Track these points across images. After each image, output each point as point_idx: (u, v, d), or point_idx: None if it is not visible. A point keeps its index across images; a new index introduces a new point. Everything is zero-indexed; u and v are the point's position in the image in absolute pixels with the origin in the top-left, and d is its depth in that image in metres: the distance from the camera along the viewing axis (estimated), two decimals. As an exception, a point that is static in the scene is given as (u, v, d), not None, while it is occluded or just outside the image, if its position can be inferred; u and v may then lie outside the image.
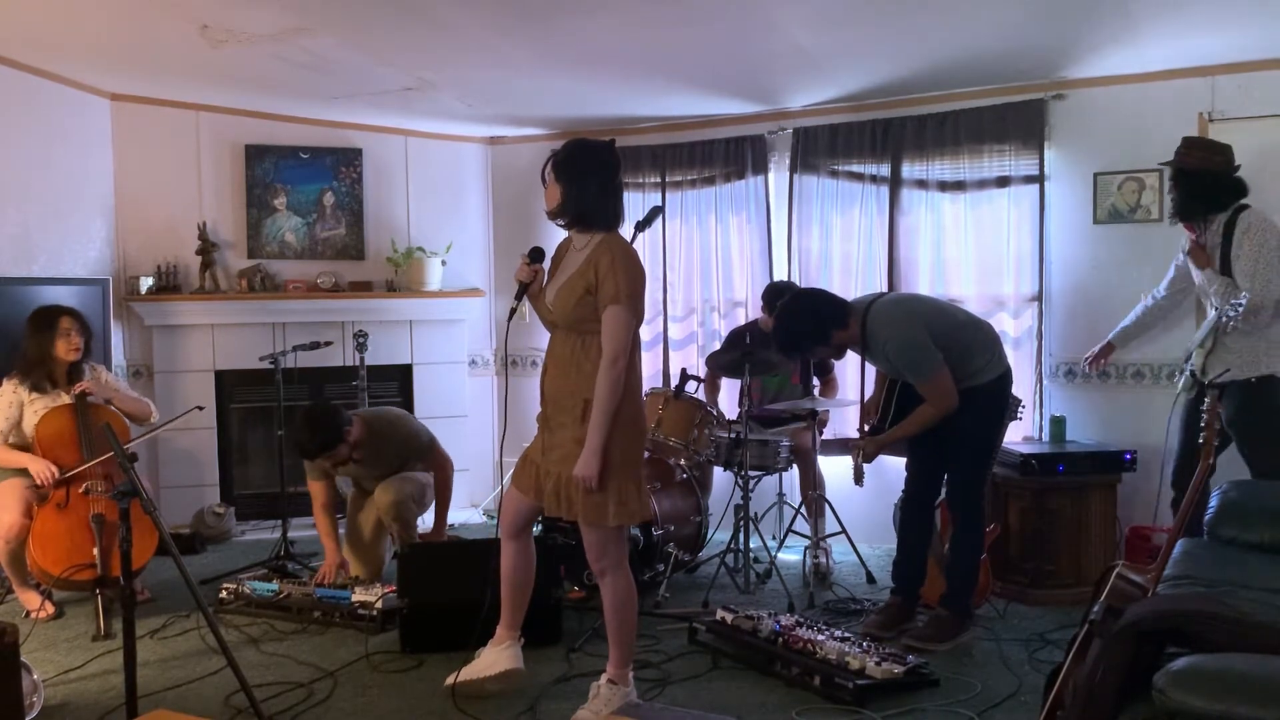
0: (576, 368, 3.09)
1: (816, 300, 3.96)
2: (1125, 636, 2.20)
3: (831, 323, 3.83)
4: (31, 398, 4.35)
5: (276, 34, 4.41)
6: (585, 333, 3.08)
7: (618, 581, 3.19)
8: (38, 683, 3.19)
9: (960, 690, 3.41)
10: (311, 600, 4.18)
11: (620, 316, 3.02)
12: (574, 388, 3.08)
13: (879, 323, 3.80)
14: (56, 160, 5.45)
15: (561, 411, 3.12)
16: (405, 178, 6.38)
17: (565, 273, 3.15)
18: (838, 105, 5.54)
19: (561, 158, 3.11)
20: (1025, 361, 5.17)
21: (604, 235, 3.12)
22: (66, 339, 4.35)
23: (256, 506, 6.08)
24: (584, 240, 3.14)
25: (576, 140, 3.17)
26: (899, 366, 3.79)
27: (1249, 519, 3.26)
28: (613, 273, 3.00)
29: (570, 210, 3.11)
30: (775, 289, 5.26)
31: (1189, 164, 4.06)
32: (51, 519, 4.16)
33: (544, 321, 3.24)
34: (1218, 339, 4.02)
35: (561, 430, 3.12)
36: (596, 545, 3.15)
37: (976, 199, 5.23)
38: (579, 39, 4.52)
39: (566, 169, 3.09)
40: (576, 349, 3.10)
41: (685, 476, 4.80)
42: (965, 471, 3.86)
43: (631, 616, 3.24)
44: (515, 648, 3.41)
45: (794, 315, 3.90)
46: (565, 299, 3.09)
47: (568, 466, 3.07)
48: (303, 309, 6.05)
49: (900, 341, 3.75)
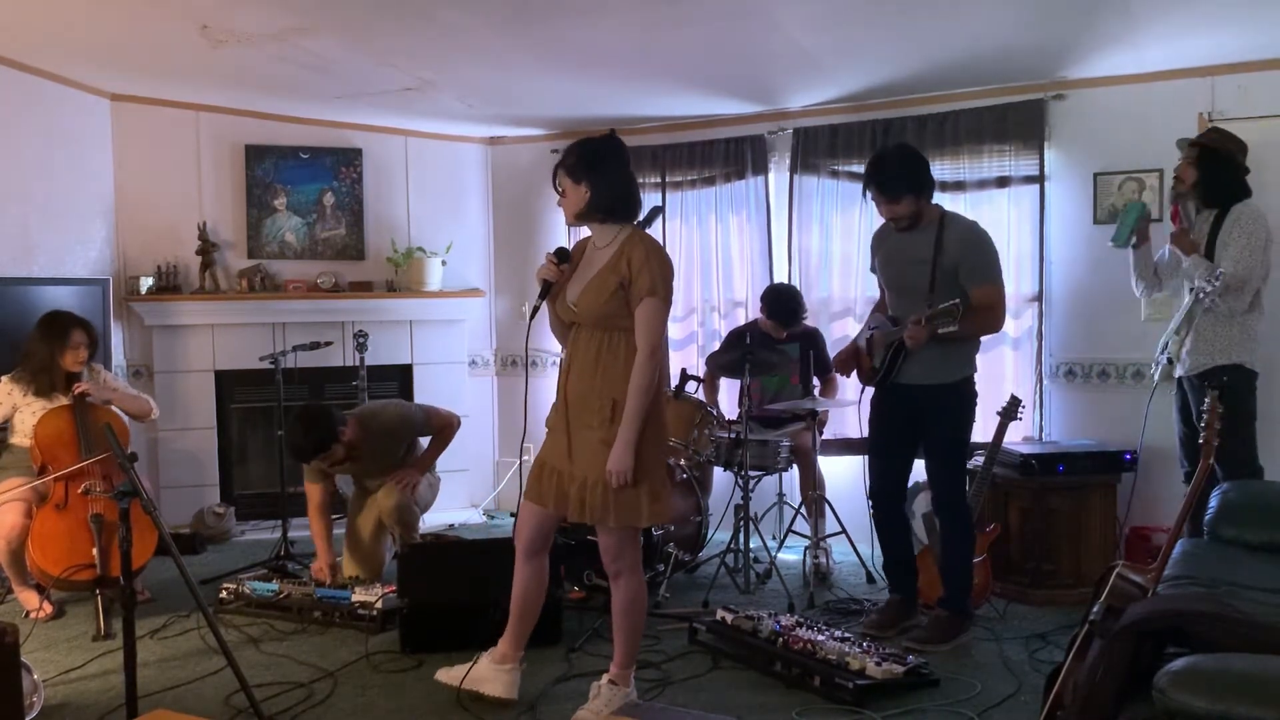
0: (603, 368, 3.03)
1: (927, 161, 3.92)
2: (1125, 636, 2.20)
3: (930, 183, 3.81)
4: (29, 399, 4.35)
5: (276, 34, 4.41)
6: (613, 329, 3.03)
7: (631, 583, 3.15)
8: (38, 683, 3.19)
9: (960, 690, 3.41)
10: (311, 600, 4.18)
11: (657, 309, 3.00)
12: (600, 388, 3.03)
13: (962, 219, 3.83)
14: (56, 160, 5.45)
15: (586, 413, 3.05)
16: (405, 178, 6.38)
17: (591, 269, 3.09)
18: (838, 105, 5.54)
19: (576, 158, 3.05)
20: (1025, 361, 5.18)
21: (629, 230, 3.09)
22: (75, 352, 4.36)
23: (256, 506, 6.08)
24: (607, 237, 3.09)
25: (582, 140, 3.13)
26: (969, 259, 3.70)
27: (1249, 519, 3.26)
28: (647, 266, 2.98)
29: (603, 203, 3.05)
30: (775, 291, 5.27)
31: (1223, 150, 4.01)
32: (50, 519, 4.16)
33: (560, 323, 3.18)
34: (1193, 325, 4.01)
35: (586, 432, 3.05)
36: (615, 546, 3.10)
37: (976, 199, 5.23)
38: (579, 39, 4.52)
39: (587, 166, 3.04)
40: (603, 348, 3.04)
41: (685, 476, 4.80)
42: (950, 470, 3.86)
43: (640, 619, 3.21)
44: (516, 673, 3.31)
45: (910, 156, 3.86)
46: (594, 296, 3.03)
47: (595, 469, 3.00)
48: (303, 309, 6.05)
49: (984, 238, 3.79)
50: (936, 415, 3.79)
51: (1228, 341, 3.95)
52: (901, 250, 3.85)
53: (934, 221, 3.79)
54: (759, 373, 4.90)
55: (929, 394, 3.78)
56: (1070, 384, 5.12)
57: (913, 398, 3.83)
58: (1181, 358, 4.08)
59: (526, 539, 3.24)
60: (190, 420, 6.00)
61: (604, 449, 2.99)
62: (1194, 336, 4.02)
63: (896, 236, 3.88)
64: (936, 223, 3.78)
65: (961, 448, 3.87)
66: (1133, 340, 4.91)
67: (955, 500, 3.87)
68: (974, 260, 3.71)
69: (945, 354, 3.76)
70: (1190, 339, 4.04)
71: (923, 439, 3.88)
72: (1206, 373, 3.95)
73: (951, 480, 3.86)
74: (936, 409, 3.79)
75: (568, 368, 3.14)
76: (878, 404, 3.97)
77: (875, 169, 3.83)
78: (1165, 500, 4.64)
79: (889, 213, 3.82)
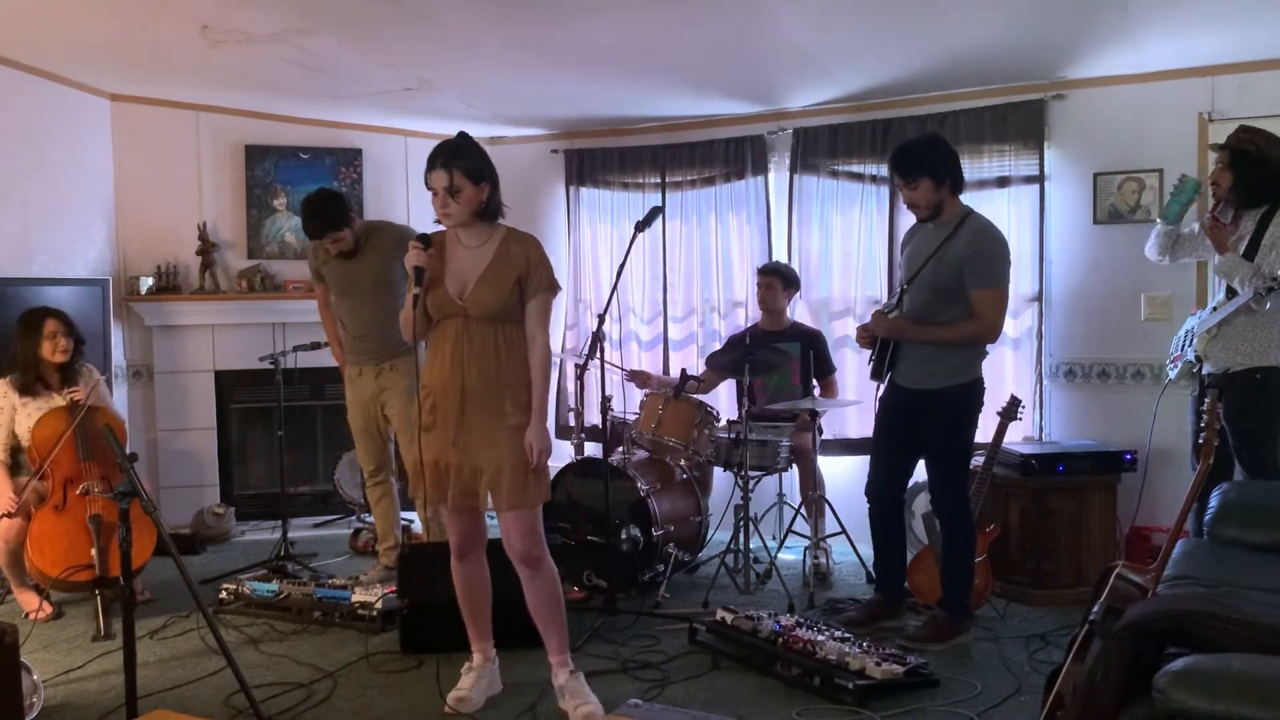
0: (498, 361, 3.10)
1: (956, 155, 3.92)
2: (1125, 636, 2.20)
3: (958, 174, 3.80)
4: (23, 401, 4.35)
5: (276, 34, 4.41)
6: (507, 321, 3.12)
7: (550, 565, 3.23)
8: (38, 683, 3.19)
9: (960, 690, 3.40)
10: (311, 600, 4.17)
11: (551, 302, 3.18)
12: (510, 378, 3.11)
13: (981, 220, 3.80)
14: (56, 160, 5.45)
15: (496, 402, 3.10)
16: (405, 178, 6.38)
17: (471, 266, 3.14)
18: (838, 105, 5.54)
19: (475, 160, 3.11)
20: (1025, 361, 5.18)
21: (503, 228, 3.20)
22: (52, 341, 4.34)
23: (256, 507, 6.07)
24: (483, 235, 3.17)
25: (465, 140, 3.16)
26: (973, 260, 3.69)
27: (1249, 519, 3.26)
28: (543, 263, 3.14)
29: (495, 204, 3.18)
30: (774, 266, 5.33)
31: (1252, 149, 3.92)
32: (49, 520, 4.16)
33: (440, 313, 3.16)
34: (1229, 325, 3.94)
35: (496, 419, 3.09)
36: (533, 529, 3.15)
37: (976, 199, 5.19)
38: (579, 39, 4.52)
39: (485, 167, 3.14)
40: (499, 341, 3.11)
41: (685, 477, 4.80)
42: (947, 474, 3.86)
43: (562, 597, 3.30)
44: (494, 674, 3.40)
45: (932, 141, 3.90)
46: (492, 291, 3.09)
47: (513, 454, 3.07)
48: (303, 309, 6.02)
49: (1000, 241, 3.77)
50: (932, 419, 3.79)
51: (1267, 343, 3.88)
52: (925, 242, 3.85)
53: (956, 217, 3.78)
54: (759, 373, 4.90)
55: (923, 398, 3.79)
56: (1070, 384, 5.12)
57: (908, 400, 3.84)
58: (1212, 356, 3.99)
59: (464, 541, 3.29)
60: (190, 420, 6.00)
61: (518, 434, 3.08)
62: (1231, 336, 3.94)
63: (922, 230, 3.90)
64: (958, 219, 3.77)
65: (958, 452, 3.85)
66: (1133, 340, 4.91)
67: (954, 503, 3.86)
68: (977, 261, 3.70)
69: (936, 358, 3.77)
70: (1224, 338, 3.96)
71: (922, 441, 3.88)
72: (1241, 373, 3.90)
73: (949, 483, 3.86)
74: (932, 413, 3.79)
75: (450, 360, 3.11)
76: (882, 403, 3.98)
77: (897, 149, 3.88)
78: (1165, 500, 4.64)
79: (907, 198, 3.83)
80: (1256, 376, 3.87)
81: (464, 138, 3.17)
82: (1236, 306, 3.90)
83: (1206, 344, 4.02)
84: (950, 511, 3.87)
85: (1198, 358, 4.06)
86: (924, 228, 3.88)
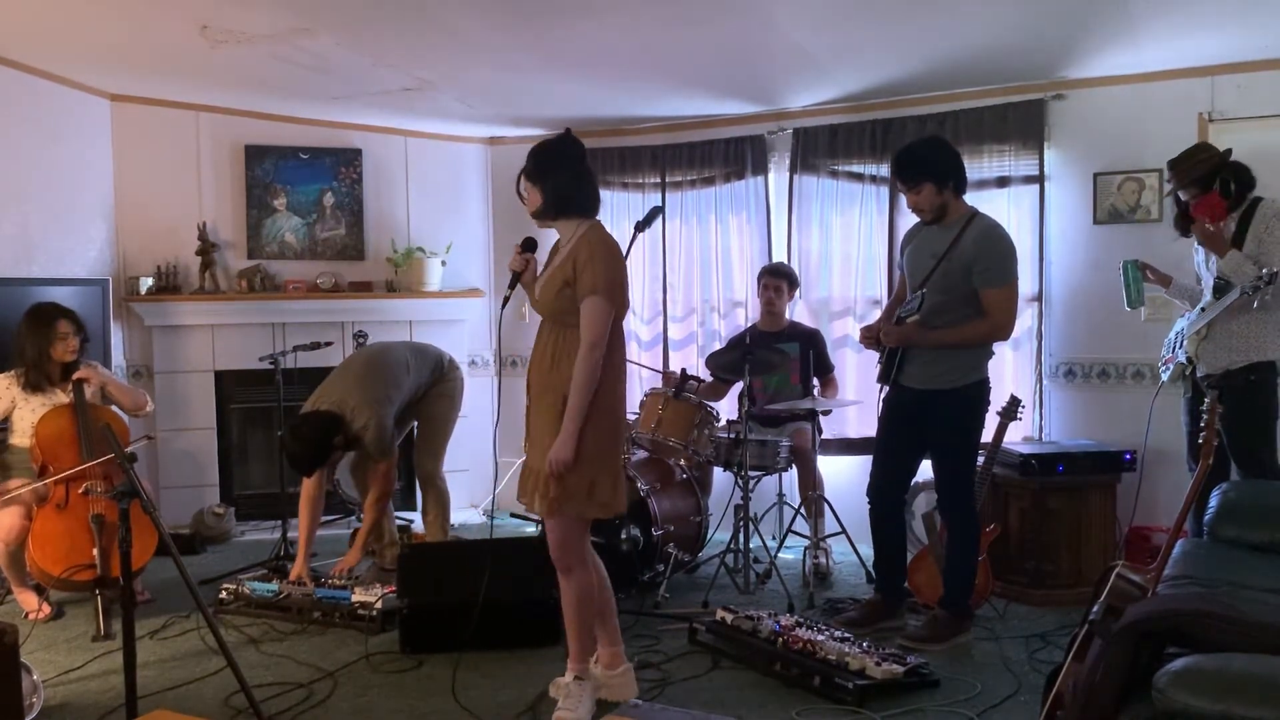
0: (554, 362, 3.11)
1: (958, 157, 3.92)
2: (1125, 636, 2.20)
3: (961, 177, 3.80)
4: (26, 396, 4.35)
5: (276, 34, 4.41)
6: (566, 325, 3.11)
7: (581, 578, 3.18)
8: (38, 683, 3.19)
9: (960, 690, 3.41)
10: (311, 601, 4.18)
11: (598, 306, 3.03)
12: (551, 382, 3.10)
13: (988, 220, 3.80)
14: (56, 160, 5.45)
15: (544, 405, 3.13)
16: (405, 178, 6.38)
17: (550, 266, 3.20)
18: (838, 105, 5.54)
19: (532, 162, 3.15)
20: (1025, 361, 5.18)
21: (585, 228, 3.14)
22: (64, 342, 4.35)
23: (256, 507, 6.08)
24: (568, 234, 3.17)
25: (539, 143, 3.22)
26: (981, 260, 3.68)
27: (1249, 519, 3.26)
28: (590, 265, 3.03)
29: (550, 204, 3.13)
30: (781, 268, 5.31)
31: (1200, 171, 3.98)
32: (51, 519, 4.16)
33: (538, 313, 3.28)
34: (1219, 325, 3.96)
35: (541, 426, 3.12)
36: (559, 538, 3.13)
37: (976, 199, 5.15)
38: (579, 39, 4.52)
39: (539, 168, 3.13)
40: (558, 342, 3.12)
41: (685, 477, 4.80)
42: (955, 474, 3.86)
43: (591, 614, 3.22)
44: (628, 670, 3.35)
45: (934, 144, 3.91)
46: (546, 292, 3.13)
47: (545, 462, 3.06)
48: (303, 309, 6.05)
49: (1006, 240, 3.77)
50: (936, 419, 3.79)
51: (1261, 339, 3.90)
52: (927, 243, 3.86)
53: (961, 218, 3.79)
54: (759, 372, 4.90)
55: (928, 398, 3.79)
56: (1070, 384, 5.12)
57: (914, 401, 3.83)
58: (1205, 357, 4.01)
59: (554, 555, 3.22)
60: (190, 420, 6.00)
61: (553, 439, 3.06)
62: (1223, 335, 3.96)
63: (925, 231, 3.89)
64: (964, 220, 3.78)
65: (963, 452, 3.85)
66: (1133, 340, 4.91)
67: (959, 503, 3.86)
68: (985, 262, 3.70)
69: (942, 359, 3.77)
70: (1216, 338, 3.97)
71: (927, 442, 3.88)
72: (1237, 371, 3.91)
73: (954, 483, 3.86)
74: (936, 413, 3.79)
75: (531, 360, 3.22)
76: (887, 404, 3.98)
77: (898, 153, 3.89)
78: (1164, 500, 4.64)
79: (911, 202, 3.84)
80: (1251, 377, 3.89)
81: (545, 140, 3.21)
82: (1225, 306, 3.92)
83: (1197, 345, 4.04)
84: (957, 511, 3.87)
85: (1189, 359, 4.07)
86: (927, 229, 3.88)
